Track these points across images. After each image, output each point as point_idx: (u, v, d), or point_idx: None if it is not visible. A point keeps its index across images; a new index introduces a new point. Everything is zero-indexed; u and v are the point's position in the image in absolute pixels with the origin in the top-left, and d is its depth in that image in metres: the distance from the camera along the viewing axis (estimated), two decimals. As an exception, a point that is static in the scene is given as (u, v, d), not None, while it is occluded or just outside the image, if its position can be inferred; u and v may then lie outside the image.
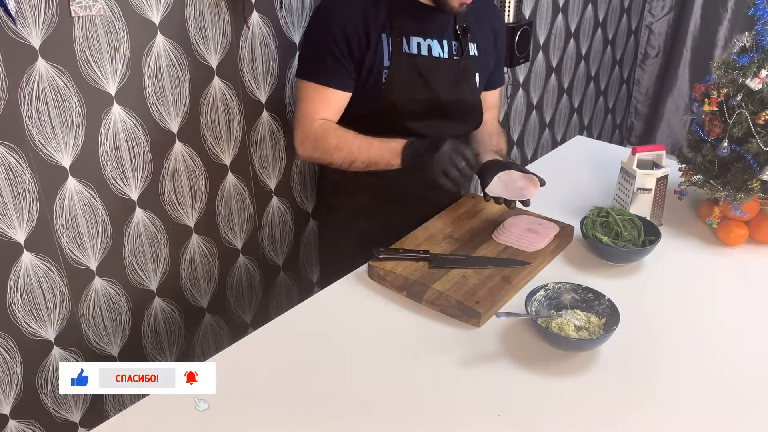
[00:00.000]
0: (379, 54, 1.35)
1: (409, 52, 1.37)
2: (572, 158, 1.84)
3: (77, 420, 1.59)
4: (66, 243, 1.43)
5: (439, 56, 1.40)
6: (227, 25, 1.57)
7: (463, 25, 1.43)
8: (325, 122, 1.39)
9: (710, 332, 1.16)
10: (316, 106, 1.38)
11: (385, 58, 1.35)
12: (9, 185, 1.30)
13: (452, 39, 1.43)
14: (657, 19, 3.49)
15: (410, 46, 1.37)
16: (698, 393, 1.03)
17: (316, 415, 0.99)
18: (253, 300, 1.93)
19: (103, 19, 1.34)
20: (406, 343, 1.14)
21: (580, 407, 1.00)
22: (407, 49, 1.37)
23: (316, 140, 1.39)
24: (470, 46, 1.45)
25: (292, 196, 1.90)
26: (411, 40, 1.37)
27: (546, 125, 3.07)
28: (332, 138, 1.36)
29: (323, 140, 1.37)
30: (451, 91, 1.43)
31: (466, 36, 1.44)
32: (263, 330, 1.19)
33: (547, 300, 1.17)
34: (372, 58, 1.35)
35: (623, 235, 1.32)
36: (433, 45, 1.40)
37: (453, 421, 0.98)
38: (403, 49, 1.36)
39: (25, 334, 1.42)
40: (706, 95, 1.37)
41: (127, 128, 1.45)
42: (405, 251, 1.30)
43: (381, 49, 1.35)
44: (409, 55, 1.37)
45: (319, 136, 1.38)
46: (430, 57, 1.39)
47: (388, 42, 1.35)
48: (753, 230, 1.40)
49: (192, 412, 1.00)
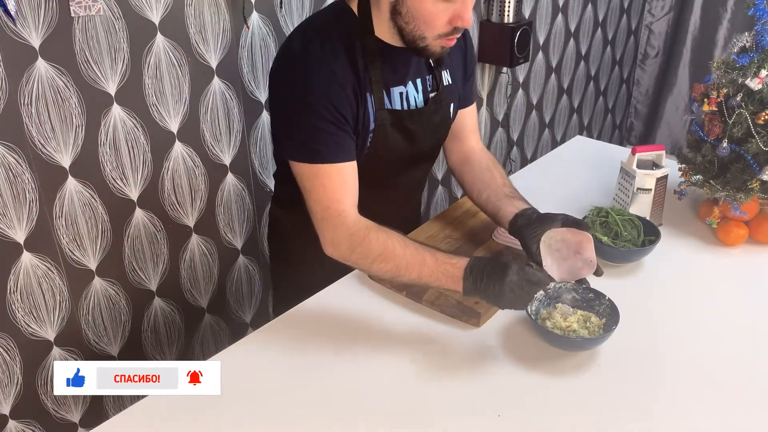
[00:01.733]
0: (366, 118, 1.17)
1: (392, 107, 1.20)
2: (572, 158, 1.84)
3: (77, 420, 1.59)
4: (66, 243, 1.43)
5: (415, 104, 1.24)
6: (227, 25, 1.57)
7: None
8: (366, 221, 1.13)
9: (710, 332, 1.16)
10: (336, 192, 1.13)
11: (371, 121, 1.17)
12: (9, 185, 1.30)
13: (426, 74, 1.26)
14: (657, 19, 3.49)
15: (392, 101, 1.20)
16: (698, 393, 1.03)
17: (316, 415, 0.99)
18: (253, 300, 1.93)
19: (103, 19, 1.34)
20: (406, 343, 1.14)
21: (580, 407, 1.00)
22: (389, 104, 1.20)
23: (353, 242, 1.11)
24: (444, 75, 1.29)
25: (292, 196, 1.90)
26: (392, 92, 1.20)
27: (546, 125, 3.07)
28: (376, 243, 1.10)
29: (363, 244, 1.11)
30: (430, 134, 1.29)
31: (439, 67, 1.27)
32: (263, 330, 1.19)
33: (547, 299, 1.17)
34: (360, 123, 1.16)
35: (623, 235, 1.32)
36: (410, 91, 1.23)
37: (453, 421, 0.98)
38: (386, 106, 1.19)
39: (24, 335, 1.42)
40: (705, 95, 1.37)
41: (127, 128, 1.45)
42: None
43: (368, 111, 1.16)
44: (390, 111, 1.19)
45: (357, 237, 1.11)
46: (410, 109, 1.23)
47: (372, 101, 1.17)
48: (753, 230, 1.40)
49: (192, 413, 1.00)
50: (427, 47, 1.13)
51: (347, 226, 1.12)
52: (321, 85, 1.10)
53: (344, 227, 1.12)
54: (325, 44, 1.12)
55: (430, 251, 1.10)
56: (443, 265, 1.08)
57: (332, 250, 1.15)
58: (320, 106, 1.10)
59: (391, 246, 1.10)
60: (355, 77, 1.14)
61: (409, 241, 1.12)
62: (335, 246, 1.14)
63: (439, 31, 1.11)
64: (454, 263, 1.07)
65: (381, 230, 1.12)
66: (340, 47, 1.13)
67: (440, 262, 1.08)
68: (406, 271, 1.10)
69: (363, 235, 1.11)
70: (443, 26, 1.10)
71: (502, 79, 2.63)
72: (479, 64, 2.49)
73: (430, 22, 1.10)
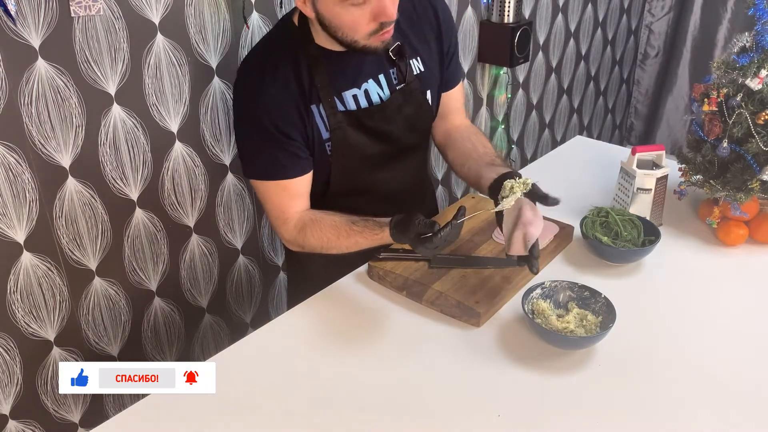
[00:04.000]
0: (316, 129, 1.21)
1: (346, 109, 1.22)
2: (572, 158, 1.84)
3: (77, 420, 1.60)
4: (66, 243, 1.43)
5: (380, 98, 1.25)
6: (227, 25, 1.57)
7: (397, 45, 1.24)
8: (301, 219, 1.26)
9: (710, 332, 1.16)
10: (284, 204, 1.26)
11: (323, 131, 1.21)
12: (9, 185, 1.30)
13: (389, 68, 1.26)
14: (657, 19, 3.49)
15: (345, 104, 1.22)
16: (697, 393, 1.03)
17: (315, 415, 0.99)
18: (253, 300, 1.93)
19: (103, 19, 1.34)
20: (406, 343, 1.14)
21: (580, 407, 1.00)
22: (342, 107, 1.22)
23: (298, 243, 1.28)
24: (412, 63, 1.28)
25: (292, 196, 1.90)
26: (344, 96, 1.22)
27: (546, 125, 3.07)
28: (314, 241, 1.25)
29: (306, 243, 1.27)
30: (404, 127, 1.29)
31: (403, 58, 1.26)
32: (263, 330, 1.19)
33: (543, 297, 1.17)
34: (312, 136, 1.21)
35: (623, 235, 1.32)
36: (371, 88, 1.24)
37: (453, 421, 0.98)
38: (339, 109, 1.21)
39: (25, 334, 1.42)
40: (705, 95, 1.37)
41: (127, 128, 1.45)
42: (405, 251, 1.30)
43: (316, 123, 1.20)
44: (345, 113, 1.22)
45: (300, 239, 1.27)
46: (371, 106, 1.24)
47: (320, 111, 1.20)
48: (753, 230, 1.40)
49: (192, 412, 1.00)
50: (366, 47, 1.14)
51: (290, 232, 1.27)
52: (258, 111, 1.17)
53: (288, 232, 1.28)
54: (265, 69, 1.18)
55: (358, 231, 1.20)
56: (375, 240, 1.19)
57: (286, 245, 1.35)
58: (259, 131, 1.18)
59: (327, 239, 1.23)
60: (298, 93, 1.18)
61: (339, 227, 1.22)
62: (288, 244, 1.32)
63: (366, 31, 1.12)
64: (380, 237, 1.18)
65: (315, 225, 1.24)
66: (283, 64, 1.18)
67: (371, 239, 1.19)
68: (348, 250, 1.23)
69: (303, 235, 1.26)
70: (368, 26, 1.11)
71: (502, 79, 2.63)
72: (479, 64, 2.49)
73: (352, 27, 1.11)
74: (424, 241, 1.07)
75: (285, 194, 1.25)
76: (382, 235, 1.17)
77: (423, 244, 1.07)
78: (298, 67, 1.18)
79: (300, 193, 1.27)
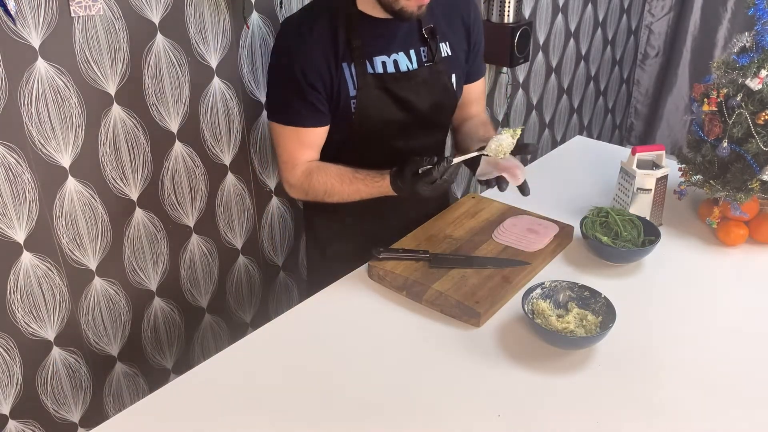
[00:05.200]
0: (344, 85, 1.29)
1: (374, 72, 1.30)
2: (572, 158, 1.84)
3: (77, 420, 1.60)
4: (66, 243, 1.43)
5: (408, 69, 1.33)
6: (227, 25, 1.57)
7: (430, 26, 1.34)
8: (309, 166, 1.36)
9: (710, 332, 1.16)
10: (295, 150, 1.35)
11: (351, 88, 1.29)
12: (9, 185, 1.30)
13: (420, 45, 1.34)
14: (657, 19, 3.49)
15: (374, 67, 1.31)
16: (697, 392, 1.03)
17: (315, 415, 0.99)
18: (252, 300, 1.93)
19: (103, 19, 1.34)
20: (406, 343, 1.14)
21: (580, 407, 1.00)
22: (371, 70, 1.30)
23: (303, 188, 1.38)
24: (441, 46, 1.37)
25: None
26: (374, 61, 1.30)
27: (546, 125, 3.07)
28: (318, 186, 1.35)
29: (311, 188, 1.37)
30: (427, 101, 1.36)
31: (435, 38, 1.35)
32: (263, 330, 1.19)
33: (543, 297, 1.17)
34: (338, 91, 1.29)
35: (623, 235, 1.32)
36: (400, 59, 1.33)
37: (453, 421, 0.98)
38: (368, 71, 1.30)
39: (24, 334, 1.42)
40: (705, 95, 1.37)
41: (127, 128, 1.45)
42: (405, 251, 1.30)
43: (345, 80, 1.29)
44: (374, 76, 1.30)
45: (305, 184, 1.37)
46: (398, 72, 1.32)
47: (351, 70, 1.29)
48: (753, 230, 1.40)
49: (192, 413, 1.00)
50: (403, 8, 1.22)
51: (297, 176, 1.37)
52: (291, 59, 1.27)
53: (295, 177, 1.37)
54: (303, 24, 1.29)
55: (360, 179, 1.32)
56: (375, 187, 1.31)
57: (289, 191, 1.43)
58: (287, 78, 1.28)
59: (331, 185, 1.34)
60: (332, 49, 1.27)
61: (344, 174, 1.34)
62: (290, 189, 1.41)
63: None
64: (380, 184, 1.30)
65: (321, 171, 1.35)
66: (322, 23, 1.27)
67: (372, 186, 1.31)
68: (350, 198, 1.35)
69: (308, 180, 1.36)
70: None
71: (502, 79, 2.63)
72: (479, 64, 2.49)
73: None
74: (423, 176, 1.19)
75: (298, 141, 1.34)
76: (382, 182, 1.29)
77: (422, 179, 1.19)
78: (336, 27, 1.28)
79: (312, 144, 1.36)
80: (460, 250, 1.33)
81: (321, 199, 1.37)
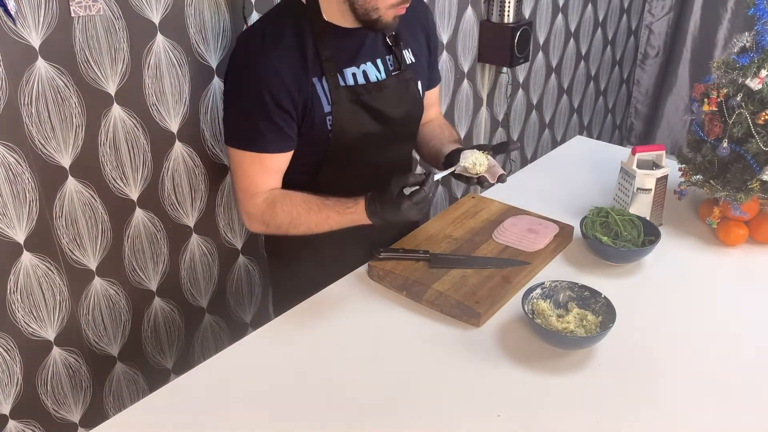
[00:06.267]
0: (317, 102, 1.20)
1: (346, 84, 1.23)
2: (572, 158, 1.84)
3: (77, 420, 1.60)
4: (66, 243, 1.43)
5: (378, 79, 1.27)
6: (227, 25, 1.57)
7: (392, 34, 1.29)
8: (271, 194, 1.25)
9: (710, 332, 1.16)
10: (256, 177, 1.24)
11: (324, 104, 1.21)
12: (9, 185, 1.30)
13: (386, 54, 1.29)
14: (657, 19, 3.49)
15: (345, 80, 1.23)
16: (697, 393, 1.03)
17: (315, 415, 0.99)
18: (253, 300, 1.93)
19: (103, 19, 1.34)
20: (406, 343, 1.14)
21: (580, 407, 1.00)
22: (343, 83, 1.23)
23: (264, 219, 1.26)
24: (405, 54, 1.33)
25: (292, 196, 1.90)
26: (345, 73, 1.23)
27: (546, 125, 3.07)
28: (283, 215, 1.23)
29: (273, 219, 1.25)
30: (398, 111, 1.31)
31: (399, 46, 1.30)
32: (263, 330, 1.19)
33: (543, 297, 1.17)
34: (311, 109, 1.20)
35: (623, 235, 1.32)
36: (369, 69, 1.27)
37: (453, 421, 0.98)
38: (340, 84, 1.22)
39: (24, 334, 1.42)
40: (705, 95, 1.37)
41: (127, 128, 1.45)
42: (405, 251, 1.30)
43: (317, 95, 1.20)
44: (347, 89, 1.23)
45: (267, 214, 1.25)
46: (369, 83, 1.26)
47: (323, 84, 1.20)
48: (753, 230, 1.40)
49: (192, 413, 1.00)
50: (380, 18, 1.17)
51: (258, 206, 1.25)
52: (256, 75, 1.17)
53: (255, 206, 1.25)
54: (267, 36, 1.18)
55: (330, 205, 1.21)
56: (347, 215, 1.20)
57: (249, 225, 1.30)
58: (251, 97, 1.17)
59: (297, 213, 1.22)
60: (300, 64, 1.18)
61: (311, 201, 1.23)
62: (250, 222, 1.29)
63: (391, 0, 1.16)
64: (353, 210, 1.19)
65: (285, 199, 1.23)
66: (288, 34, 1.18)
67: (343, 214, 1.20)
68: (318, 229, 1.23)
69: (271, 210, 1.24)
70: None
71: (502, 79, 2.63)
72: (479, 64, 2.49)
73: None
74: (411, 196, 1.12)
75: (261, 168, 1.23)
76: (355, 208, 1.18)
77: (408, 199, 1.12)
78: (303, 39, 1.19)
79: (276, 170, 1.26)
80: (460, 250, 1.33)
81: (284, 231, 1.25)
